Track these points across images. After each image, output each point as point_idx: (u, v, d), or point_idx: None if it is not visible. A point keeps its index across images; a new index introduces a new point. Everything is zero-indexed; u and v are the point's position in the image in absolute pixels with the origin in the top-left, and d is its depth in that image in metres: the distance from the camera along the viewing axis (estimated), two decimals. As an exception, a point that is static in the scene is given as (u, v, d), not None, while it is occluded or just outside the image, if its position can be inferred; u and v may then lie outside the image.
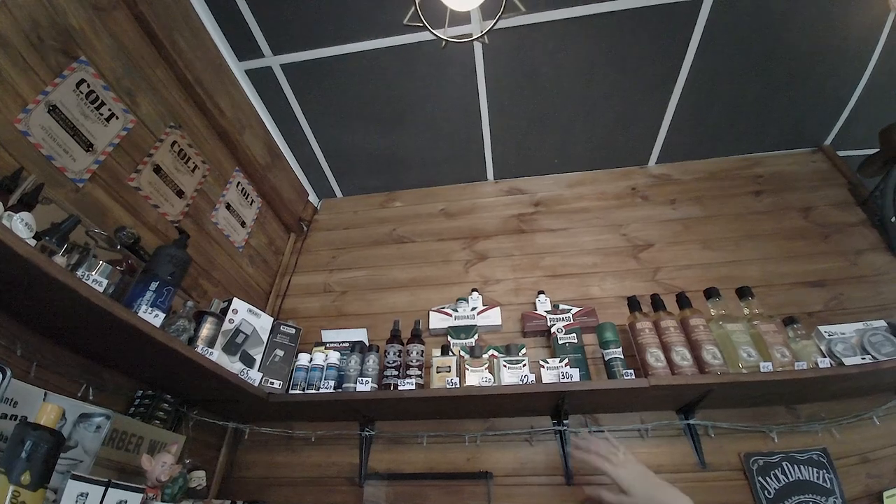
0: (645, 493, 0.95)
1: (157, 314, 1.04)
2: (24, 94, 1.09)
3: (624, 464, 1.01)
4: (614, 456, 1.02)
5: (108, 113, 1.29)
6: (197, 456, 1.48)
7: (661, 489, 0.97)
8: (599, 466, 1.02)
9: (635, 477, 0.98)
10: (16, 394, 0.93)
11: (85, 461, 1.00)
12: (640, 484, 0.97)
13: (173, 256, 1.18)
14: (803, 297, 1.69)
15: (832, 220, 1.88)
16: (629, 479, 0.98)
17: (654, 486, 0.97)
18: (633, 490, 0.96)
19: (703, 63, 1.78)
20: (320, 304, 2.07)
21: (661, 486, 0.97)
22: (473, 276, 2.00)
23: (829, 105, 1.99)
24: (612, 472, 1.00)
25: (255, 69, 1.84)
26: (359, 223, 2.34)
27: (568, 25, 1.66)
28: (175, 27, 1.53)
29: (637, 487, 0.97)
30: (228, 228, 1.82)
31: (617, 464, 1.01)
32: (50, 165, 1.13)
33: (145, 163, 1.42)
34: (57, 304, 0.91)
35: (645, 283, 1.82)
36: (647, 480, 0.98)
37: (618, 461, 1.01)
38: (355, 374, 1.49)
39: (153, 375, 1.29)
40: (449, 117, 2.02)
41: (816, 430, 1.38)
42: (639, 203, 2.10)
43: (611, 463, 1.01)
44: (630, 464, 1.01)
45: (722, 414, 1.43)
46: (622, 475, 0.99)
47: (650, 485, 0.97)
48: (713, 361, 1.28)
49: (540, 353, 1.69)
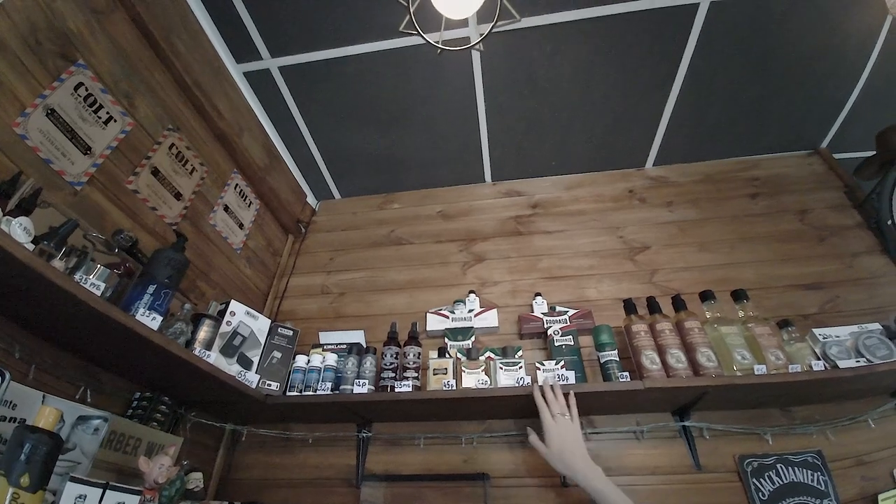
0: (559, 450, 1.07)
1: (154, 317, 1.05)
2: (22, 98, 1.10)
3: (560, 423, 1.11)
4: (559, 415, 1.13)
5: (107, 116, 1.30)
6: (194, 457, 1.49)
7: (574, 455, 1.06)
8: (541, 414, 1.13)
9: (560, 435, 1.09)
10: (14, 396, 0.93)
11: (83, 463, 1.01)
12: (559, 442, 1.08)
13: (171, 259, 1.18)
14: (799, 300, 1.69)
15: (828, 222, 1.89)
16: (553, 434, 1.09)
17: (570, 450, 1.07)
18: (550, 444, 1.09)
19: (700, 66, 1.78)
20: (318, 305, 2.08)
21: (575, 453, 1.07)
22: (471, 278, 2.01)
23: (825, 108, 2.00)
24: (546, 422, 1.12)
25: (253, 71, 1.84)
26: (357, 225, 2.35)
27: (565, 29, 1.66)
28: (173, 30, 1.54)
29: (555, 444, 1.08)
30: (226, 230, 1.82)
31: (556, 420, 1.12)
32: (48, 169, 1.13)
33: (143, 165, 1.42)
34: (55, 307, 0.92)
35: (642, 285, 1.83)
36: (566, 443, 1.08)
37: (558, 419, 1.12)
38: (352, 376, 1.50)
39: (151, 377, 1.30)
40: (447, 119, 2.03)
41: (811, 433, 1.39)
42: (636, 205, 2.11)
43: (551, 416, 1.12)
44: (565, 426, 1.11)
45: (717, 416, 1.44)
46: (550, 429, 1.10)
47: (567, 448, 1.07)
48: (708, 364, 1.29)
49: (537, 355, 1.70)
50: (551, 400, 1.15)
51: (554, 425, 1.10)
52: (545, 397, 1.15)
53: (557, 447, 1.07)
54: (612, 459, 1.44)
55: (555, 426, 1.10)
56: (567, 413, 1.13)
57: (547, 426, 1.10)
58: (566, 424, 1.11)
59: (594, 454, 1.43)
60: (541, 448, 1.10)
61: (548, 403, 1.14)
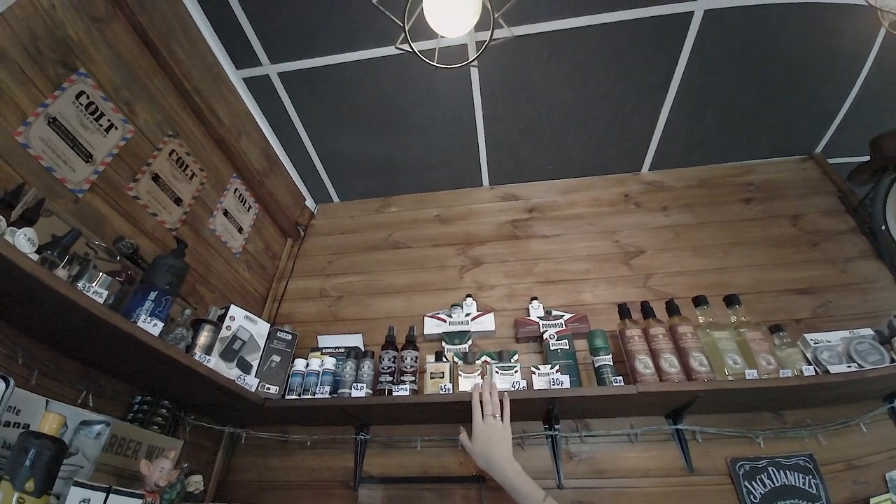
0: (482, 449, 1.09)
1: (155, 323, 1.07)
2: (23, 107, 1.11)
3: (491, 425, 1.13)
4: (489, 416, 1.14)
5: (108, 123, 1.32)
6: (193, 460, 1.50)
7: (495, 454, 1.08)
8: (473, 414, 1.16)
9: (486, 434, 1.11)
10: (18, 402, 0.95)
11: (86, 467, 1.03)
12: (483, 441, 1.10)
13: (171, 266, 1.20)
14: (791, 305, 1.71)
15: (821, 227, 1.91)
16: (479, 433, 1.12)
17: (493, 449, 1.09)
18: (475, 443, 1.11)
19: (696, 72, 1.80)
20: (316, 308, 2.10)
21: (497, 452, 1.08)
22: (468, 282, 2.03)
23: (820, 113, 2.02)
24: (476, 422, 1.14)
25: (252, 77, 1.86)
26: (355, 228, 2.36)
27: (561, 36, 1.68)
28: (173, 36, 1.55)
29: (479, 443, 1.10)
30: (226, 235, 1.84)
31: (485, 420, 1.14)
32: (50, 177, 1.15)
33: (144, 172, 1.44)
34: (58, 315, 0.93)
35: (636, 289, 1.85)
36: (490, 442, 1.10)
37: (487, 420, 1.14)
38: (351, 380, 1.52)
39: (151, 382, 1.31)
40: (444, 124, 2.05)
41: (803, 437, 1.41)
42: (631, 210, 2.13)
43: (481, 416, 1.15)
44: (492, 426, 1.13)
45: (709, 419, 1.46)
46: (478, 429, 1.13)
47: (490, 447, 1.09)
48: (700, 368, 1.31)
49: (533, 359, 1.72)
50: (486, 401, 1.18)
51: (482, 425, 1.14)
52: (481, 399, 1.19)
53: (481, 446, 1.10)
54: (606, 462, 1.47)
55: (482, 426, 1.13)
56: (498, 413, 1.17)
57: (475, 425, 1.14)
58: (494, 425, 1.14)
59: (588, 457, 1.48)
60: (467, 446, 1.13)
61: (480, 403, 1.18)
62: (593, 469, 1.46)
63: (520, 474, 1.04)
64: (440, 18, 0.98)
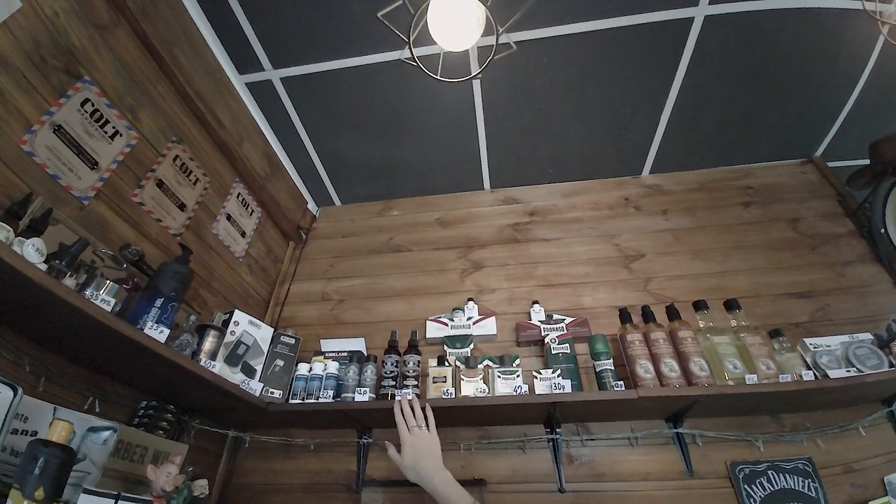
0: (412, 461, 1.11)
1: (162, 330, 1.08)
2: (28, 115, 1.11)
3: (417, 436, 1.16)
4: (416, 428, 1.18)
5: (112, 130, 1.32)
6: (198, 464, 1.51)
7: (425, 464, 1.10)
8: (399, 429, 1.18)
9: (414, 447, 1.14)
10: (26, 409, 0.95)
11: (93, 473, 1.04)
12: (412, 453, 1.13)
13: (176, 272, 1.21)
14: (790, 308, 1.73)
15: (820, 230, 1.92)
16: (408, 446, 1.14)
17: (422, 460, 1.11)
18: (405, 456, 1.13)
19: (695, 77, 1.81)
20: (318, 312, 2.11)
21: (426, 462, 1.11)
22: (469, 286, 2.04)
23: (819, 117, 2.03)
24: (402, 435, 1.17)
25: (255, 82, 1.87)
26: (356, 231, 2.38)
27: (561, 42, 1.69)
28: (175, 42, 1.56)
29: (408, 455, 1.13)
30: (229, 239, 1.85)
31: (412, 433, 1.17)
32: (56, 184, 1.16)
33: (148, 178, 1.45)
34: (67, 323, 0.94)
35: (636, 293, 1.86)
36: (419, 453, 1.13)
37: (414, 432, 1.17)
38: (353, 384, 1.53)
39: (156, 386, 1.33)
40: (445, 128, 2.06)
41: (801, 440, 1.42)
42: (631, 213, 2.14)
43: (408, 430, 1.17)
44: (420, 438, 1.16)
45: (709, 423, 1.47)
46: (406, 443, 1.15)
47: (419, 458, 1.12)
48: (700, 373, 1.32)
49: (534, 363, 1.73)
50: (408, 415, 1.20)
51: (409, 438, 1.16)
52: (403, 413, 1.21)
53: (410, 458, 1.12)
54: (606, 465, 1.48)
55: (410, 439, 1.16)
56: (422, 425, 1.20)
57: (403, 439, 1.16)
58: (421, 436, 1.17)
59: (589, 460, 1.50)
60: (397, 459, 1.15)
61: (403, 419, 1.21)
62: (594, 472, 1.48)
63: (449, 483, 1.07)
64: (444, 33, 0.99)
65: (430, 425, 1.20)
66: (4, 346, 0.98)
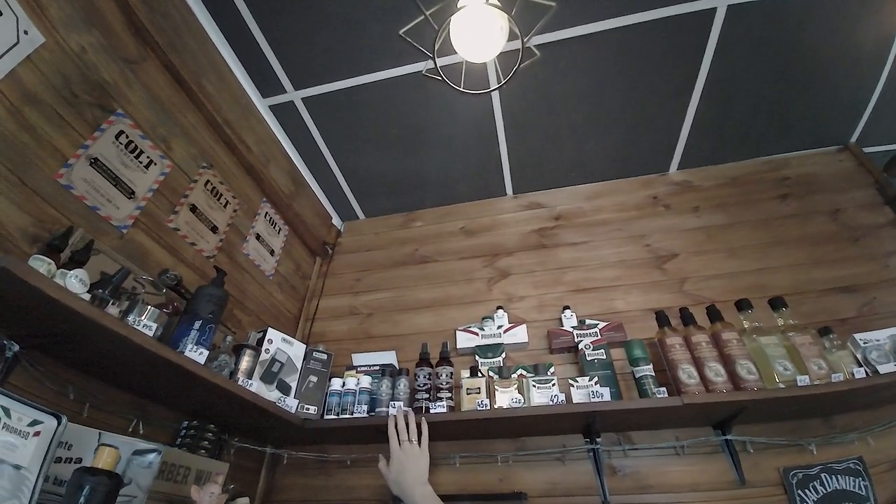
0: (397, 474, 1.13)
1: (201, 352, 1.10)
2: (63, 150, 1.13)
3: (406, 451, 1.17)
4: (406, 442, 1.19)
5: (147, 160, 1.37)
6: (238, 482, 1.53)
7: (408, 478, 1.11)
8: (390, 442, 1.20)
9: (401, 461, 1.15)
10: (71, 436, 0.96)
11: (139, 496, 1.05)
12: (397, 467, 1.14)
13: (212, 295, 1.24)
14: (835, 304, 1.64)
15: (861, 221, 1.83)
16: (396, 459, 1.15)
17: (406, 474, 1.12)
18: (392, 469, 1.15)
19: (721, 68, 1.76)
20: (347, 326, 2.12)
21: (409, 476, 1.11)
22: (497, 294, 2.02)
23: (851, 103, 1.94)
24: (392, 448, 1.18)
25: (278, 104, 1.91)
26: (381, 244, 2.39)
27: (578, 43, 1.67)
28: (202, 73, 1.61)
29: (394, 468, 1.14)
30: (259, 258, 1.89)
31: (401, 446, 1.18)
32: (94, 216, 1.19)
33: (182, 204, 1.49)
34: (111, 350, 0.97)
35: (671, 294, 1.80)
36: (405, 467, 1.14)
37: (404, 446, 1.18)
38: (387, 398, 1.53)
39: (197, 407, 1.35)
40: (465, 137, 2.06)
41: (852, 440, 1.36)
42: (660, 212, 2.09)
43: (398, 443, 1.18)
44: (408, 452, 1.17)
45: (757, 428, 1.40)
46: (394, 456, 1.16)
47: (404, 472, 1.13)
48: (748, 377, 1.27)
49: (568, 370, 1.70)
50: (401, 428, 1.22)
51: (398, 451, 1.17)
52: (397, 427, 1.22)
53: (396, 471, 1.13)
54: (651, 476, 1.43)
55: (399, 452, 1.17)
56: (414, 439, 1.20)
57: (392, 452, 1.17)
58: (409, 450, 1.17)
59: (633, 471, 1.45)
60: (384, 472, 1.16)
61: (395, 431, 1.21)
62: (639, 484, 1.42)
63: (426, 496, 1.07)
64: (468, 45, 0.99)
65: (422, 440, 1.20)
66: (48, 376, 1.00)
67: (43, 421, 0.84)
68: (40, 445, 0.81)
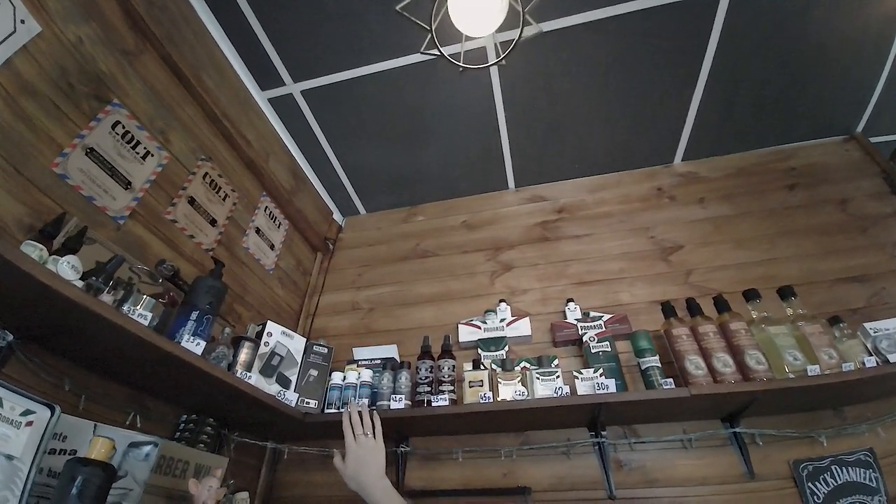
0: (353, 469, 1.10)
1: (198, 343, 1.08)
2: (58, 140, 1.12)
3: (362, 445, 1.14)
4: (362, 436, 1.16)
5: (144, 151, 1.36)
6: (238, 477, 1.51)
7: (366, 473, 1.09)
8: (345, 437, 1.16)
9: (357, 456, 1.12)
10: (66, 428, 0.94)
11: (135, 490, 1.03)
12: (354, 462, 1.11)
13: (210, 286, 1.22)
14: (845, 294, 1.61)
15: (869, 211, 1.80)
16: (352, 454, 1.13)
17: (364, 468, 1.10)
18: (348, 464, 1.12)
19: (725, 57, 1.73)
20: (349, 321, 2.10)
21: (367, 471, 1.09)
22: (500, 288, 1.99)
23: (856, 92, 1.91)
24: (348, 443, 1.15)
25: (277, 97, 1.90)
26: (382, 239, 2.37)
27: (579, 31, 1.64)
28: (200, 65, 1.60)
29: (351, 464, 1.11)
30: (259, 252, 1.87)
31: (357, 441, 1.15)
32: (91, 206, 1.18)
33: (180, 196, 1.48)
34: (105, 339, 0.95)
35: (677, 286, 1.77)
36: (361, 462, 1.11)
37: (359, 440, 1.15)
38: (388, 392, 1.50)
39: (196, 401, 1.33)
40: (467, 129, 2.04)
41: (863, 431, 1.33)
42: (665, 204, 2.06)
43: (353, 438, 1.15)
44: (364, 446, 1.14)
45: (767, 421, 1.37)
46: (350, 451, 1.13)
47: (361, 467, 1.10)
48: (757, 367, 1.23)
49: (572, 363, 1.67)
50: (356, 422, 1.19)
51: (354, 446, 1.14)
52: (352, 421, 1.20)
53: (352, 466, 1.11)
54: (658, 470, 1.40)
55: (354, 447, 1.14)
56: (369, 432, 1.18)
57: (348, 447, 1.14)
58: (365, 444, 1.15)
59: (639, 465, 1.42)
60: (340, 468, 1.13)
61: (350, 426, 1.19)
62: (645, 478, 1.40)
63: (387, 491, 1.05)
64: (466, 18, 0.97)
65: (376, 433, 1.19)
66: (43, 367, 0.98)
67: (36, 411, 0.82)
68: (33, 436, 0.80)
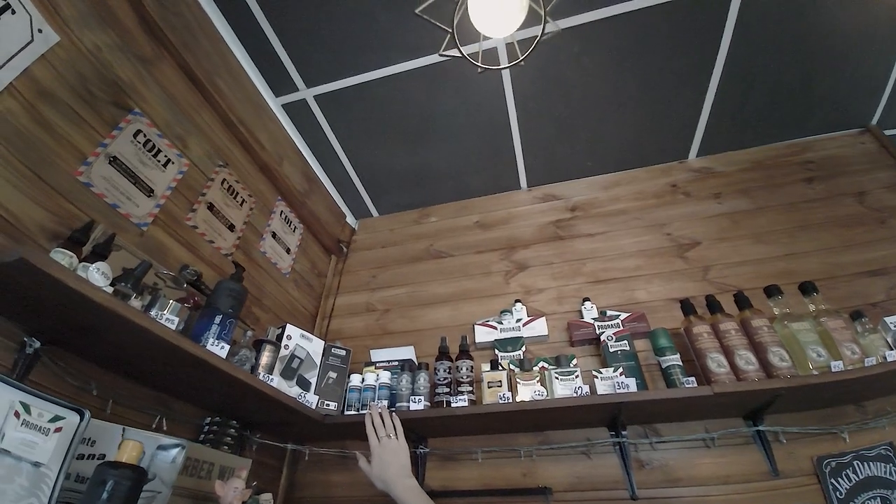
0: (379, 470, 1.12)
1: (222, 346, 1.10)
2: (80, 147, 1.14)
3: (385, 446, 1.16)
4: (385, 438, 1.17)
5: (165, 159, 1.38)
6: (260, 478, 1.53)
7: (391, 472, 1.10)
8: (369, 439, 1.18)
9: (381, 457, 1.14)
10: (94, 432, 0.95)
11: (163, 492, 1.05)
12: (379, 462, 1.13)
13: (232, 290, 1.23)
14: (865, 288, 1.58)
15: (887, 203, 1.77)
16: (377, 455, 1.14)
17: (389, 468, 1.11)
18: (373, 465, 1.13)
19: (739, 51, 1.71)
20: (364, 323, 2.11)
21: (392, 470, 1.10)
22: (515, 287, 1.99)
23: (870, 84, 1.88)
24: (372, 445, 1.17)
25: (290, 103, 1.92)
26: (396, 241, 2.38)
27: (591, 28, 1.64)
28: (216, 72, 1.62)
29: (376, 464, 1.13)
30: (275, 256, 1.89)
31: (381, 442, 1.16)
32: (115, 213, 1.20)
33: (199, 202, 1.50)
34: (133, 344, 0.97)
35: (695, 283, 1.76)
36: (386, 462, 1.13)
37: (383, 441, 1.17)
38: (407, 393, 1.51)
39: (219, 403, 1.35)
40: (478, 129, 2.04)
41: (883, 426, 1.32)
42: (680, 200, 2.04)
43: (377, 439, 1.17)
44: (388, 447, 1.16)
45: (789, 418, 1.36)
46: (375, 452, 1.15)
47: (386, 467, 1.11)
48: (781, 364, 1.22)
49: (590, 363, 1.66)
50: (378, 425, 1.21)
51: (378, 447, 1.16)
52: (374, 424, 1.21)
53: (378, 467, 1.12)
54: (680, 469, 1.39)
55: (379, 448, 1.16)
56: (392, 433, 1.19)
57: (372, 449, 1.16)
58: (389, 445, 1.16)
59: (661, 464, 1.41)
60: (366, 469, 1.15)
61: (373, 427, 1.21)
62: (668, 477, 1.38)
63: (411, 489, 1.06)
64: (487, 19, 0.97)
65: (398, 433, 1.20)
66: (70, 372, 1.00)
67: (65, 416, 0.82)
68: (62, 442, 0.80)
